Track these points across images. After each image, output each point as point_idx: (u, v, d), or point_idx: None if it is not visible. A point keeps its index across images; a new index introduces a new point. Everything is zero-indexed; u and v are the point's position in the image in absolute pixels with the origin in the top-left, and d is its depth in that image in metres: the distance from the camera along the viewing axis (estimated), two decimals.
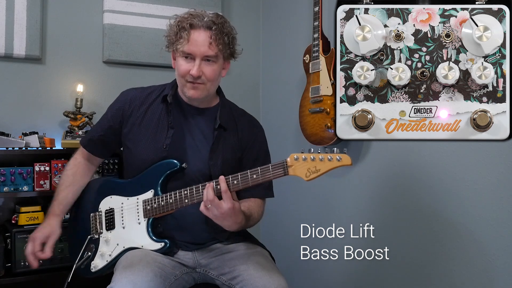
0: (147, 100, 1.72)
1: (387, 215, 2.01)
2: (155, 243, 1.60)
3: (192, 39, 1.57)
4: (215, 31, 1.58)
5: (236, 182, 1.46)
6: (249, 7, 2.97)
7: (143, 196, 1.64)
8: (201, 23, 1.58)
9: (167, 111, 1.68)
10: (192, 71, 1.57)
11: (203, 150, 1.66)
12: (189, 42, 1.57)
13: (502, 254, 1.56)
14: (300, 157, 1.37)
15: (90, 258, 1.70)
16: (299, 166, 1.38)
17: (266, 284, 1.47)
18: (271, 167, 1.43)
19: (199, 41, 1.57)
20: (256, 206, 1.66)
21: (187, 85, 1.62)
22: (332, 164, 1.35)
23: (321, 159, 1.35)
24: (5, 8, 2.31)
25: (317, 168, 1.36)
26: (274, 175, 1.42)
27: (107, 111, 1.79)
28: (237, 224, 1.49)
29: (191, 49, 1.57)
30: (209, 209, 1.44)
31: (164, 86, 1.75)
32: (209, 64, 1.60)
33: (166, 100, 1.69)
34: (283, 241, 2.71)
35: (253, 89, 2.96)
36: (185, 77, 1.60)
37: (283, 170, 1.41)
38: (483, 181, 1.62)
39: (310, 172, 1.37)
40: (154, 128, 1.67)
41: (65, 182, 1.78)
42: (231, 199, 1.42)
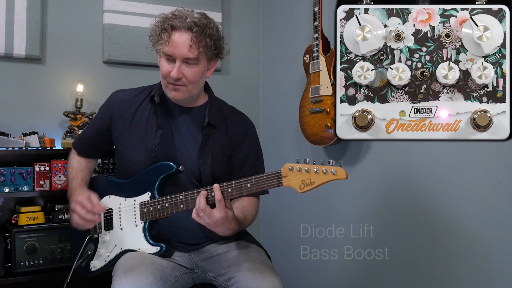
0: (135, 101, 1.71)
1: (387, 215, 2.01)
2: (152, 247, 1.60)
3: (172, 40, 1.55)
4: (196, 33, 1.55)
5: (230, 190, 1.45)
6: (249, 7, 2.97)
7: (140, 198, 1.64)
8: (182, 25, 1.55)
9: (155, 111, 1.68)
10: (172, 73, 1.56)
11: (192, 149, 1.66)
12: (169, 44, 1.55)
13: (502, 254, 1.56)
14: (294, 167, 1.36)
15: (90, 257, 1.70)
16: (293, 177, 1.37)
17: (260, 285, 1.47)
18: (265, 177, 1.42)
19: (179, 43, 1.55)
20: (250, 205, 1.65)
21: (169, 86, 1.61)
22: (326, 178, 1.33)
23: (315, 171, 1.34)
24: (5, 8, 2.30)
25: (311, 180, 1.35)
26: (268, 185, 1.41)
27: (97, 113, 1.81)
28: (230, 231, 1.49)
29: (171, 50, 1.55)
30: (201, 217, 1.44)
31: (152, 86, 1.75)
32: (190, 67, 1.58)
33: (154, 101, 1.69)
34: (283, 241, 2.71)
35: (253, 89, 2.96)
36: (166, 78, 1.59)
37: (277, 180, 1.39)
38: (483, 181, 1.62)
39: (305, 184, 1.35)
40: (143, 129, 1.67)
41: (82, 165, 1.81)
42: (224, 209, 1.42)
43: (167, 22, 1.56)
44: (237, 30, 2.93)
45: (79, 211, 1.60)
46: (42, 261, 2.07)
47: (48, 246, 2.08)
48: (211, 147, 1.66)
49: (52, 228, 2.10)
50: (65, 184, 2.10)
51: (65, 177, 2.12)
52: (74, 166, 1.81)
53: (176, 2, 2.65)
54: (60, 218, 2.13)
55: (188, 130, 1.69)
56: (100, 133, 1.76)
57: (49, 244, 2.08)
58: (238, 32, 2.94)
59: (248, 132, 1.74)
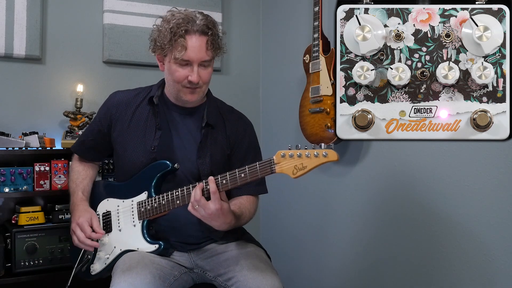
0: (133, 102, 1.71)
1: (387, 215, 2.01)
2: (150, 245, 1.60)
3: (189, 46, 1.54)
4: (211, 36, 1.57)
5: (225, 181, 1.45)
6: (249, 7, 2.97)
7: (138, 198, 1.64)
8: (195, 28, 1.55)
9: (154, 113, 1.68)
10: (192, 78, 1.56)
11: (191, 149, 1.66)
12: (187, 50, 1.54)
13: (502, 254, 1.56)
14: (286, 154, 1.36)
15: (90, 261, 1.70)
16: (286, 164, 1.36)
17: (259, 285, 1.47)
18: (258, 165, 1.41)
19: (196, 47, 1.55)
20: (248, 203, 1.65)
21: (184, 90, 1.61)
22: (318, 160, 1.33)
23: (307, 155, 1.34)
24: (5, 8, 2.31)
25: (303, 165, 1.34)
26: (261, 173, 1.41)
27: (96, 115, 1.80)
28: (226, 224, 1.48)
29: (189, 56, 1.55)
30: (197, 209, 1.44)
31: (150, 87, 1.75)
32: (205, 68, 1.59)
33: (152, 102, 1.68)
34: (282, 240, 2.71)
35: (253, 89, 2.96)
36: (181, 82, 1.59)
37: (270, 168, 1.39)
38: (483, 181, 1.62)
39: (297, 169, 1.35)
40: (142, 130, 1.67)
41: (81, 175, 1.80)
42: (219, 200, 1.42)
43: (179, 28, 1.53)
44: (237, 30, 2.93)
45: (78, 235, 1.62)
46: (42, 261, 2.07)
47: (48, 246, 2.08)
48: (210, 147, 1.67)
49: (52, 228, 2.10)
50: (65, 184, 2.10)
51: (65, 177, 2.12)
52: (74, 178, 1.80)
53: (176, 2, 2.66)
54: (60, 218, 2.13)
55: (187, 131, 1.69)
56: (101, 135, 1.76)
57: (49, 244, 2.08)
58: (238, 32, 2.94)
59: (246, 132, 1.75)
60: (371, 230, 2.10)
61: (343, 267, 2.26)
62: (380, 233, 2.05)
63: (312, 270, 2.48)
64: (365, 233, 2.14)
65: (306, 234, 2.54)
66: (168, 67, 1.61)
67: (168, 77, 1.64)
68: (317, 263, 2.44)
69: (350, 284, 2.22)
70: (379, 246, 2.05)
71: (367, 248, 2.12)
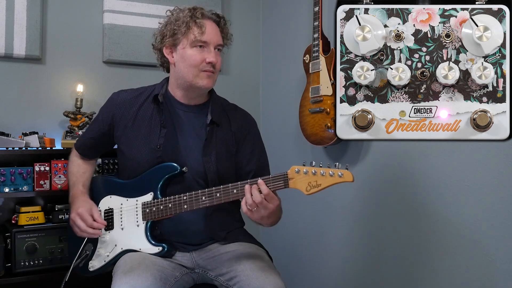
0: (137, 101, 1.71)
1: (387, 215, 2.01)
2: (153, 247, 1.60)
3: (207, 27, 1.60)
4: (222, 23, 1.66)
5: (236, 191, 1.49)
6: (249, 7, 2.97)
7: (143, 198, 1.64)
8: (208, 15, 1.64)
9: (159, 111, 1.68)
10: (210, 59, 1.59)
11: (196, 147, 1.66)
12: (205, 31, 1.60)
13: (502, 254, 1.56)
14: (301, 170, 1.38)
15: (88, 257, 1.70)
16: (299, 180, 1.38)
17: (262, 285, 1.47)
18: (271, 178, 1.43)
19: (213, 31, 1.62)
20: None
21: (201, 74, 1.61)
22: (333, 180, 1.34)
23: (322, 173, 1.35)
24: (5, 8, 2.31)
25: (318, 182, 1.36)
26: (274, 187, 1.43)
27: (98, 114, 1.80)
28: (279, 219, 1.57)
29: (208, 37, 1.60)
30: (255, 210, 1.44)
31: (153, 86, 1.75)
32: (219, 54, 1.65)
33: (157, 100, 1.68)
34: (282, 241, 2.71)
35: (253, 89, 2.96)
36: (199, 66, 1.60)
37: (283, 182, 1.41)
38: (483, 181, 1.62)
39: (311, 186, 1.37)
40: (146, 129, 1.67)
41: (81, 169, 1.81)
42: (275, 197, 1.45)
43: (196, 12, 1.61)
44: (237, 30, 2.92)
45: (79, 225, 1.62)
46: (42, 261, 2.06)
47: (48, 246, 2.08)
48: (215, 145, 1.67)
49: (52, 228, 2.10)
50: (65, 184, 2.10)
51: (65, 177, 2.12)
52: (74, 171, 1.81)
53: (176, 2, 2.66)
54: (60, 218, 2.13)
55: (191, 129, 1.69)
56: (102, 135, 1.76)
57: (49, 244, 2.08)
58: (238, 32, 2.93)
59: (251, 129, 1.76)
60: (372, 230, 2.10)
61: (343, 266, 2.26)
62: (381, 233, 2.05)
63: (313, 270, 2.48)
64: (365, 233, 2.14)
65: (306, 234, 2.54)
66: (181, 54, 1.62)
67: (181, 64, 1.63)
68: (317, 263, 2.44)
69: (351, 283, 2.22)
70: (379, 246, 2.05)
71: (367, 247, 2.12)
